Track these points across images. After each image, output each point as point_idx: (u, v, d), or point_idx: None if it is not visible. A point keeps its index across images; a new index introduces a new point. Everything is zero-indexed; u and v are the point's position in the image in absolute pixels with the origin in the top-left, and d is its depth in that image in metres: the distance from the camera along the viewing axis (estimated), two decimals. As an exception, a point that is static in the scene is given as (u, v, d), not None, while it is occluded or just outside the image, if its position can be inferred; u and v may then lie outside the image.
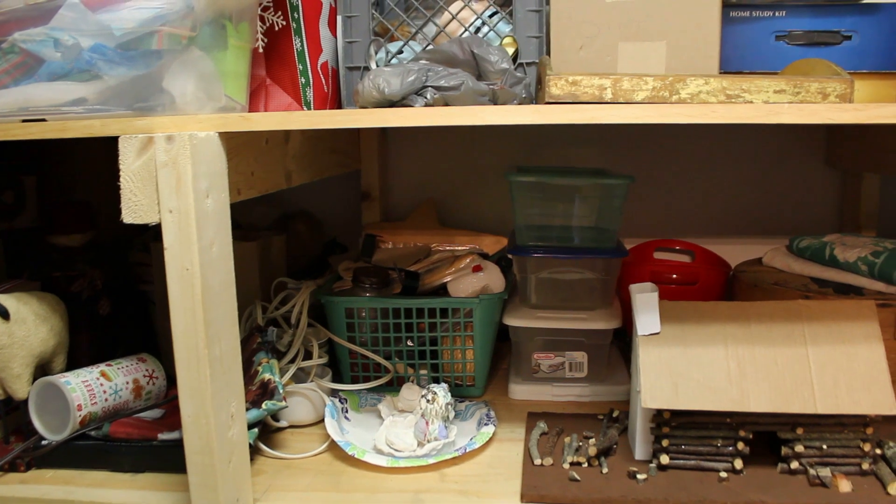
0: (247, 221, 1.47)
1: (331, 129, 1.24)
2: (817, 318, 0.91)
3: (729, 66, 1.09)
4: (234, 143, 0.83)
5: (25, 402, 0.97)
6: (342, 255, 1.46)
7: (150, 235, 1.30)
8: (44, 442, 0.97)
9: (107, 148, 0.75)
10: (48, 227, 1.25)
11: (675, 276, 1.34)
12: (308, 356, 1.11)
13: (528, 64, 1.01)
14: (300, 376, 1.10)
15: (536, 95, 0.99)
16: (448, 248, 1.32)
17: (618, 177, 1.16)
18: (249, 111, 1.01)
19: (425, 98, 0.86)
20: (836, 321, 0.91)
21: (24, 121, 0.81)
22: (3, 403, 1.00)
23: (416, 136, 1.55)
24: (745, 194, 1.50)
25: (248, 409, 0.92)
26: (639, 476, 0.89)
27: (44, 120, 0.81)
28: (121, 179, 0.75)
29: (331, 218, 1.58)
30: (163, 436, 0.96)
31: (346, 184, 1.56)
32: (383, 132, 1.53)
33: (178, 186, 0.73)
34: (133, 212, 0.75)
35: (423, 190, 1.56)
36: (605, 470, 0.91)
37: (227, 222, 0.80)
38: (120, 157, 0.74)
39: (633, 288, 0.94)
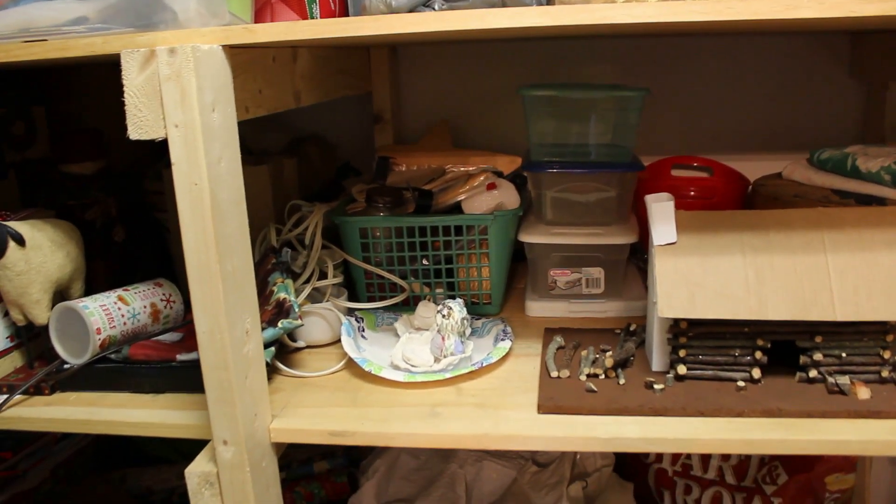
0: (258, 148, 1.46)
1: (339, 48, 1.24)
2: (837, 225, 0.90)
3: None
4: (240, 60, 0.81)
5: (47, 327, 0.99)
6: (356, 178, 1.45)
7: (163, 163, 1.29)
8: (66, 366, 0.98)
9: (115, 75, 0.74)
10: (60, 156, 1.25)
11: (692, 191, 1.32)
12: (323, 277, 1.11)
13: (538, -29, 0.98)
14: (316, 297, 1.10)
15: (548, 4, 0.96)
16: (462, 168, 1.31)
17: (633, 89, 1.13)
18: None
19: (433, 9, 0.84)
20: (856, 228, 0.89)
21: (26, 41, 0.80)
22: (25, 329, 1.02)
23: (427, 56, 1.52)
24: (765, 108, 1.47)
25: (264, 329, 0.93)
26: (656, 386, 0.89)
27: (45, 41, 0.80)
28: (125, 95, 0.73)
29: (343, 142, 1.57)
30: (181, 357, 0.97)
31: (357, 107, 1.54)
32: (393, 52, 1.50)
33: (182, 100, 0.72)
34: (139, 128, 0.74)
35: (436, 111, 1.54)
36: (621, 381, 0.91)
37: (234, 137, 0.79)
38: (123, 72, 0.73)
39: (649, 198, 0.93)
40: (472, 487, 1.24)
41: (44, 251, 0.97)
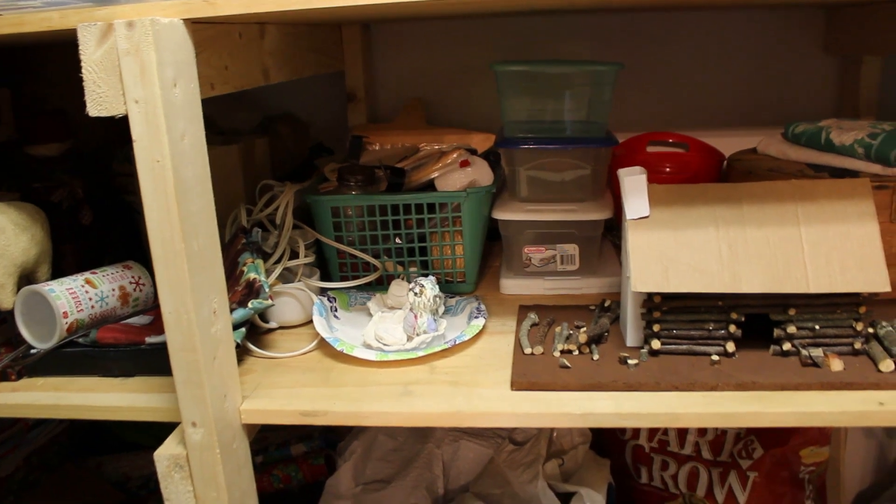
0: (229, 127, 1.43)
1: (310, 25, 1.21)
2: (810, 197, 0.89)
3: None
4: (204, 35, 0.79)
5: (12, 312, 0.97)
6: (328, 157, 1.44)
7: (133, 145, 1.27)
8: (32, 351, 0.96)
9: (79, 55, 0.72)
10: (25, 138, 1.22)
11: (668, 167, 1.32)
12: (295, 257, 1.09)
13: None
14: (288, 277, 1.08)
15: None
16: (436, 146, 1.29)
17: (606, 64, 1.12)
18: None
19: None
20: (829, 200, 0.89)
21: (-20, 17, 0.78)
22: (-11, 315, 1.00)
23: (400, 33, 1.50)
24: (740, 84, 1.46)
25: (234, 310, 0.91)
26: (630, 361, 0.88)
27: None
28: (83, 70, 0.71)
29: (316, 121, 1.55)
30: (150, 339, 0.95)
31: (330, 86, 1.52)
32: (366, 30, 1.48)
33: (142, 75, 0.70)
34: (98, 104, 0.72)
35: (409, 89, 1.52)
36: (595, 357, 0.91)
37: (198, 114, 0.77)
38: (80, 47, 0.71)
39: (622, 172, 0.92)
40: (450, 467, 1.24)
41: (7, 234, 0.95)
